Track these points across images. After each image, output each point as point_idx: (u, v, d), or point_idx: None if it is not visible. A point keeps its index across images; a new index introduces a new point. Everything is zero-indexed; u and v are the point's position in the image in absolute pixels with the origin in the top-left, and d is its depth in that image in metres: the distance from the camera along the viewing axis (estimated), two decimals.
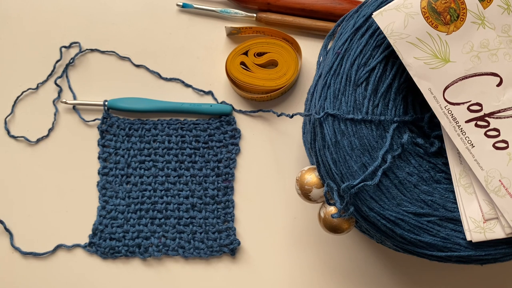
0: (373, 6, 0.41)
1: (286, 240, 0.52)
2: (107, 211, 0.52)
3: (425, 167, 0.40)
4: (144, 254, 0.51)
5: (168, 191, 0.52)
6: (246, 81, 0.52)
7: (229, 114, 0.54)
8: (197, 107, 0.53)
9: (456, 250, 0.39)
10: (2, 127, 0.54)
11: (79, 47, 0.55)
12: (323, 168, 0.40)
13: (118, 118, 0.53)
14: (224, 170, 0.53)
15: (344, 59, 0.40)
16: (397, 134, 0.40)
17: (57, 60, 0.55)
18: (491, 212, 0.38)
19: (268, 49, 0.53)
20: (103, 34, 0.56)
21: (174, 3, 0.56)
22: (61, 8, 0.56)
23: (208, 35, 0.56)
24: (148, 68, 0.55)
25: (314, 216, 0.51)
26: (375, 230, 0.40)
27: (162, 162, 0.53)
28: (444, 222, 0.39)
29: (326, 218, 0.41)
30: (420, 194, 0.39)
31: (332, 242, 0.51)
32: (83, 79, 0.55)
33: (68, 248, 0.51)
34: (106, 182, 0.52)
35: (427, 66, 0.38)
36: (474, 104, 0.38)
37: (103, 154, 0.53)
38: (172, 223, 0.52)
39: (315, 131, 0.41)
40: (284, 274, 0.51)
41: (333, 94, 0.40)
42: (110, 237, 0.51)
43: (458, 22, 0.38)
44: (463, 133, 0.38)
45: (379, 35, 0.40)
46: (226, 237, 0.51)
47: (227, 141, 0.53)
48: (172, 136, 0.53)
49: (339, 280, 0.51)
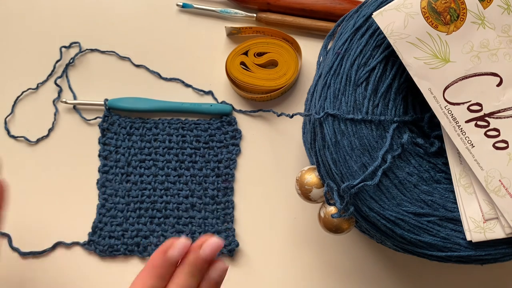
0: (373, 6, 0.41)
1: (286, 240, 0.52)
2: (106, 209, 0.52)
3: (425, 167, 0.40)
4: (143, 253, 0.51)
5: (168, 190, 0.52)
6: (246, 81, 0.52)
7: (229, 114, 0.54)
8: (197, 107, 0.53)
9: (456, 250, 0.39)
10: (2, 127, 0.54)
11: (79, 47, 0.55)
12: (323, 168, 0.40)
13: (119, 117, 0.53)
14: (224, 170, 0.53)
15: (344, 59, 0.40)
16: (397, 134, 0.40)
17: (57, 60, 0.55)
18: (491, 212, 0.38)
19: (268, 49, 0.53)
20: (103, 34, 0.56)
21: (174, 3, 0.56)
22: (61, 8, 0.56)
23: (208, 35, 0.56)
24: (148, 68, 0.55)
25: (314, 216, 0.50)
26: (375, 230, 0.40)
27: (162, 162, 0.53)
28: (444, 222, 0.39)
29: (326, 218, 0.41)
30: (420, 194, 0.39)
31: (332, 242, 0.51)
32: (83, 79, 0.55)
33: (67, 245, 0.51)
34: (106, 180, 0.52)
35: (427, 66, 0.38)
36: (474, 104, 0.38)
37: (103, 152, 0.53)
38: (171, 222, 0.52)
39: (315, 131, 0.41)
40: (283, 274, 0.51)
41: (333, 94, 0.40)
42: (109, 235, 0.51)
43: (458, 22, 0.38)
44: (463, 133, 0.38)
45: (379, 35, 0.40)
46: (225, 238, 0.51)
47: (227, 141, 0.53)
48: (173, 136, 0.53)
49: (339, 280, 0.51)
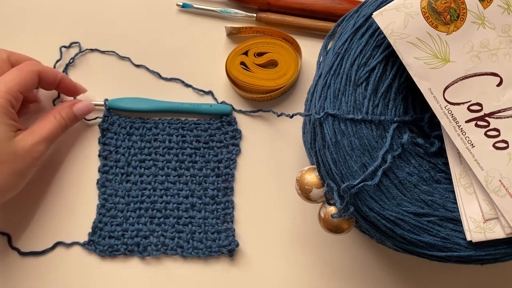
0: (373, 6, 0.41)
1: (285, 240, 0.52)
2: (106, 209, 0.52)
3: (425, 167, 0.40)
4: (142, 253, 0.51)
5: (168, 190, 0.52)
6: (246, 81, 0.52)
7: (229, 114, 0.54)
8: (197, 107, 0.53)
9: (456, 250, 0.39)
10: None
11: (79, 47, 0.55)
12: (323, 168, 0.40)
13: (119, 117, 0.53)
14: (224, 170, 0.53)
15: (344, 59, 0.40)
16: (397, 134, 0.40)
17: (57, 60, 0.55)
18: (491, 212, 0.38)
19: (268, 49, 0.53)
20: (103, 34, 0.56)
21: (174, 3, 0.56)
22: (61, 8, 0.56)
23: (208, 35, 0.56)
24: (148, 68, 0.55)
25: (314, 216, 0.50)
26: (375, 230, 0.40)
27: (162, 162, 0.53)
28: (444, 222, 0.39)
29: (326, 218, 0.41)
30: (420, 194, 0.39)
31: (332, 242, 0.51)
32: (83, 79, 0.55)
33: (67, 245, 0.51)
34: (106, 180, 0.52)
35: (427, 66, 0.38)
36: (474, 104, 0.38)
37: (103, 152, 0.53)
38: (171, 222, 0.52)
39: (315, 131, 0.41)
40: (283, 274, 0.51)
41: (333, 94, 0.40)
42: (109, 235, 0.51)
43: (458, 22, 0.38)
44: (463, 133, 0.38)
45: (379, 35, 0.40)
46: (225, 238, 0.51)
47: (227, 141, 0.53)
48: (173, 136, 0.53)
49: (339, 280, 0.51)
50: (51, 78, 0.49)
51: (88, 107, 0.52)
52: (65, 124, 0.50)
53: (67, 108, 0.50)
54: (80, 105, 0.51)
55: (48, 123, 0.49)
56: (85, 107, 0.52)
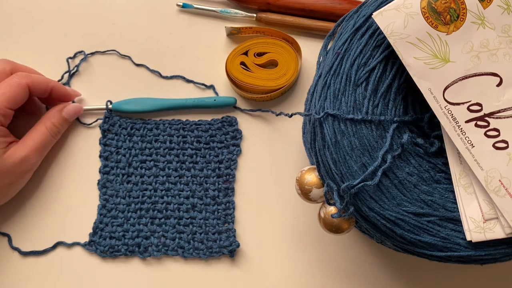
0: (373, 6, 0.41)
1: (286, 240, 0.52)
2: (107, 210, 0.52)
3: (425, 167, 0.40)
4: (143, 254, 0.51)
5: (169, 191, 0.52)
6: (246, 81, 0.52)
7: (233, 105, 0.53)
8: (201, 102, 0.53)
9: (456, 250, 0.39)
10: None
11: (84, 54, 0.55)
12: (323, 168, 0.40)
13: (120, 118, 0.53)
14: (225, 171, 0.53)
15: (344, 59, 0.41)
16: (397, 134, 0.40)
17: (66, 71, 0.54)
18: (491, 212, 0.38)
19: (268, 49, 0.53)
20: (104, 34, 0.56)
21: (174, 3, 0.56)
22: (61, 8, 0.56)
23: (208, 35, 0.56)
24: (149, 67, 0.55)
25: (314, 216, 0.51)
26: (375, 230, 0.40)
27: (163, 162, 0.53)
28: (444, 222, 0.39)
29: (326, 218, 0.41)
30: (420, 194, 0.39)
31: (332, 242, 0.51)
32: (85, 82, 0.55)
33: (67, 246, 0.51)
34: (107, 181, 0.52)
35: (427, 66, 0.38)
36: (474, 104, 0.38)
37: (104, 153, 0.53)
38: (172, 223, 0.52)
39: (315, 131, 0.41)
40: (284, 274, 0.51)
41: (333, 94, 0.40)
42: (110, 236, 0.51)
43: (458, 22, 0.38)
44: (463, 133, 0.38)
45: (379, 35, 0.40)
46: (225, 238, 0.51)
47: (228, 142, 0.53)
48: (174, 136, 0.53)
49: (339, 280, 0.51)
50: (42, 88, 0.49)
51: (77, 108, 0.52)
52: (57, 131, 0.51)
53: (56, 114, 0.51)
54: (69, 108, 0.51)
55: (39, 134, 0.49)
56: (74, 109, 0.52)
